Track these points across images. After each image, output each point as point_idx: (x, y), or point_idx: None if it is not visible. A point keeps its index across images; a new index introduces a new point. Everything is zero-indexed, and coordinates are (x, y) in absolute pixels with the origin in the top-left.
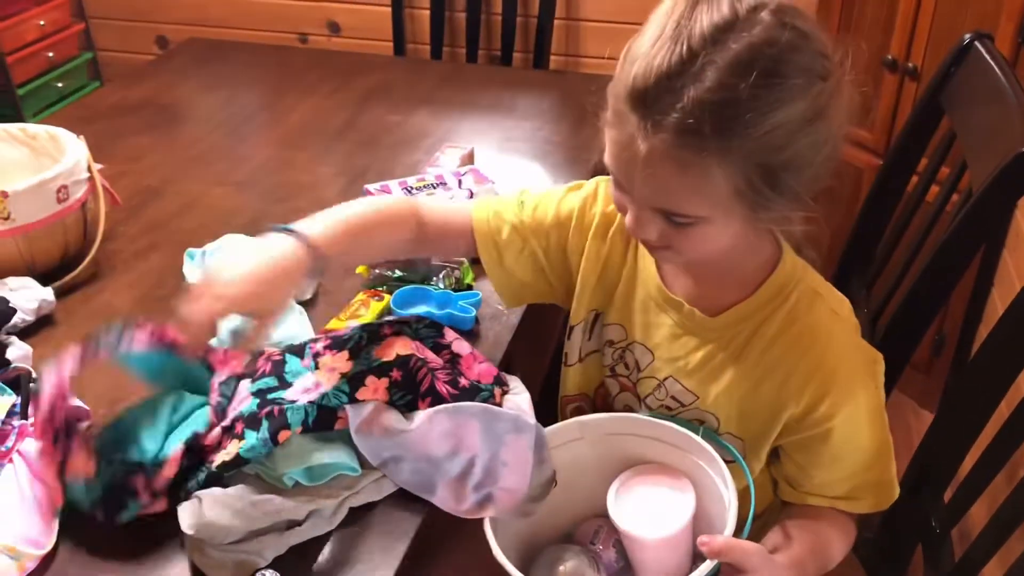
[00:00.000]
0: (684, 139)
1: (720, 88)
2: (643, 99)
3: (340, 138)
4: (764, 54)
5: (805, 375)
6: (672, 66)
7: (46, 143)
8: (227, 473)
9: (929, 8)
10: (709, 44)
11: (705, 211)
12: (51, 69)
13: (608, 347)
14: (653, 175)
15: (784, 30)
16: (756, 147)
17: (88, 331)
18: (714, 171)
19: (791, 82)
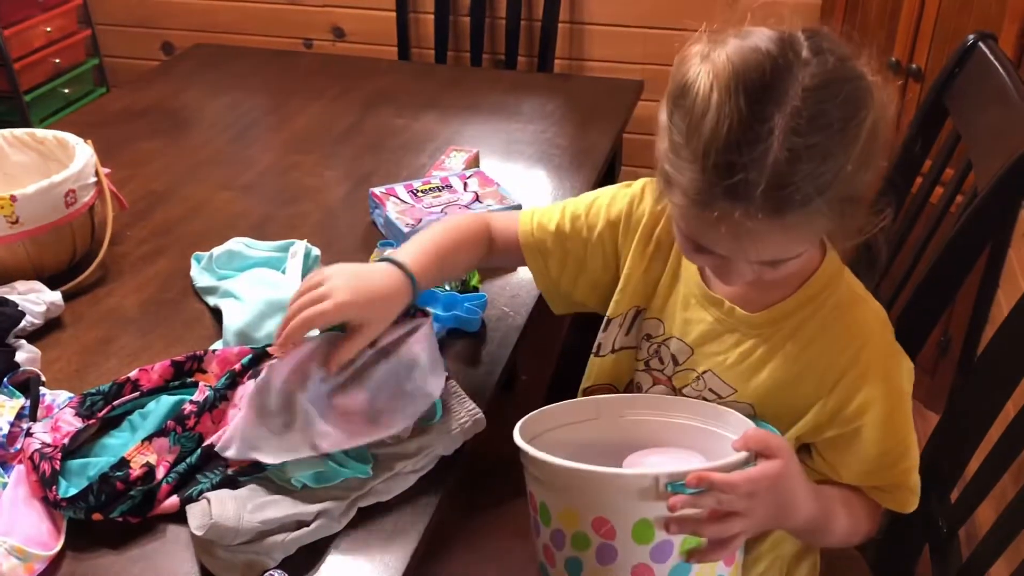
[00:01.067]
0: (777, 213)
1: (797, 154)
2: (723, 181)
3: (345, 142)
4: (823, 101)
5: (841, 370)
6: (739, 139)
7: (54, 148)
8: (242, 479)
9: (932, 9)
10: (765, 102)
11: (807, 248)
12: (58, 75)
13: (645, 341)
14: (748, 244)
15: (827, 63)
16: (846, 182)
17: (96, 334)
18: (817, 218)
19: (855, 118)
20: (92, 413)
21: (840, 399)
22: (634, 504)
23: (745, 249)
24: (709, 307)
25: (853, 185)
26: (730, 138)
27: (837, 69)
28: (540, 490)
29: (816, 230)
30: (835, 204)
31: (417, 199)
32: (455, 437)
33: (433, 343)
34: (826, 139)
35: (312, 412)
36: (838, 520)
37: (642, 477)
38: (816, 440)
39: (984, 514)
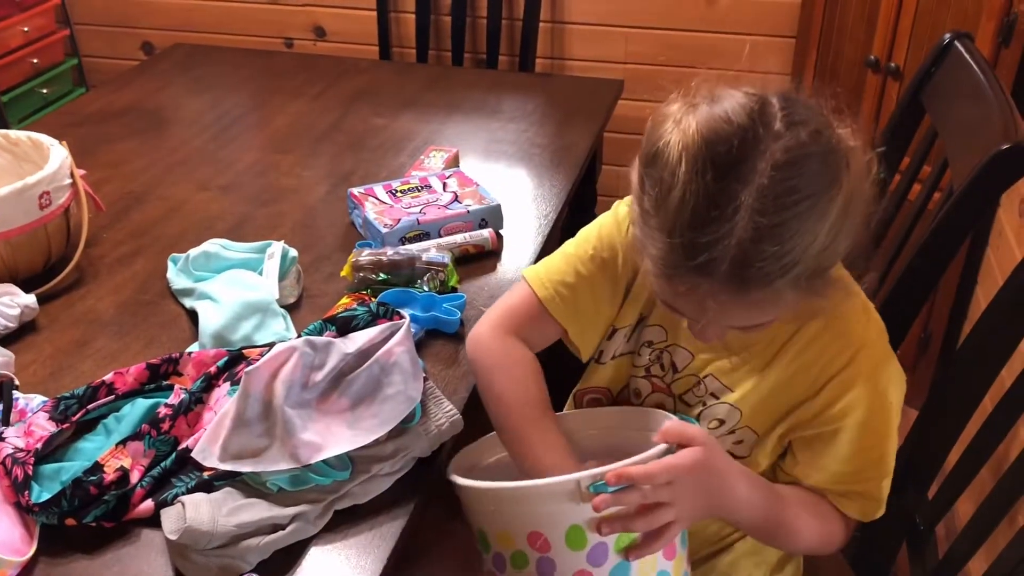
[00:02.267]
0: (748, 285)
1: (762, 235)
2: (689, 256)
3: (325, 141)
4: (792, 180)
5: (832, 372)
6: (705, 216)
7: (28, 149)
8: (218, 482)
9: (910, 8)
10: (732, 179)
11: (776, 316)
12: (36, 75)
13: (646, 347)
14: (716, 314)
15: (798, 137)
16: (816, 257)
17: (72, 337)
18: (779, 297)
19: (825, 196)
20: (66, 417)
21: (827, 399)
22: (562, 511)
23: (712, 318)
24: None
25: (822, 260)
26: (696, 216)
27: (809, 143)
28: (475, 518)
29: (785, 303)
30: (803, 280)
31: (396, 199)
32: (432, 439)
33: (411, 345)
34: (793, 218)
35: (294, 421)
36: (800, 520)
37: (564, 483)
38: (794, 436)
39: (963, 508)
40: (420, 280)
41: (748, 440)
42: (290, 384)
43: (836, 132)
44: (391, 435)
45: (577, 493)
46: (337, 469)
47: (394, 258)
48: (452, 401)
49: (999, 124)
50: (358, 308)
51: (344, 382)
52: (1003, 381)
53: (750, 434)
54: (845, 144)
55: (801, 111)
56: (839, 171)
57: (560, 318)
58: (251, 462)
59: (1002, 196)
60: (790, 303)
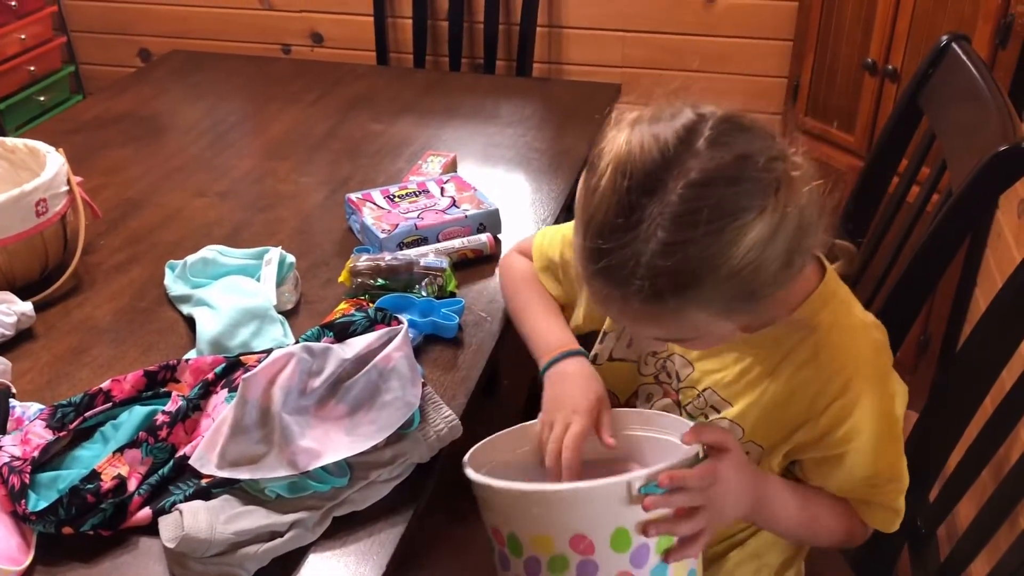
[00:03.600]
0: (648, 303)
1: (669, 250)
2: (599, 264)
3: (322, 147)
4: (703, 199)
5: (830, 397)
6: (619, 229)
7: (25, 156)
8: (215, 490)
9: (907, 11)
10: (648, 195)
11: (694, 335)
12: (33, 83)
13: (651, 357)
14: (631, 323)
15: (720, 158)
16: (723, 286)
17: (69, 344)
18: (688, 313)
19: (740, 218)
20: (63, 425)
21: (828, 424)
22: (611, 513)
23: (636, 327)
24: None
25: (738, 286)
26: (604, 223)
27: (729, 166)
28: (506, 522)
29: (697, 322)
30: (712, 299)
31: (393, 204)
32: (431, 444)
33: (410, 350)
34: (699, 238)
35: (292, 428)
36: (823, 518)
37: (617, 485)
38: (801, 457)
39: (964, 511)
40: (418, 285)
41: (755, 454)
42: (288, 390)
43: (777, 160)
44: (389, 441)
45: (628, 495)
46: (335, 476)
47: (392, 263)
48: (451, 407)
49: (997, 125)
50: (356, 314)
51: (342, 388)
52: (1003, 383)
53: (755, 448)
54: (782, 173)
55: (735, 135)
56: (762, 197)
57: (548, 287)
58: (249, 469)
59: (1000, 197)
60: (704, 324)
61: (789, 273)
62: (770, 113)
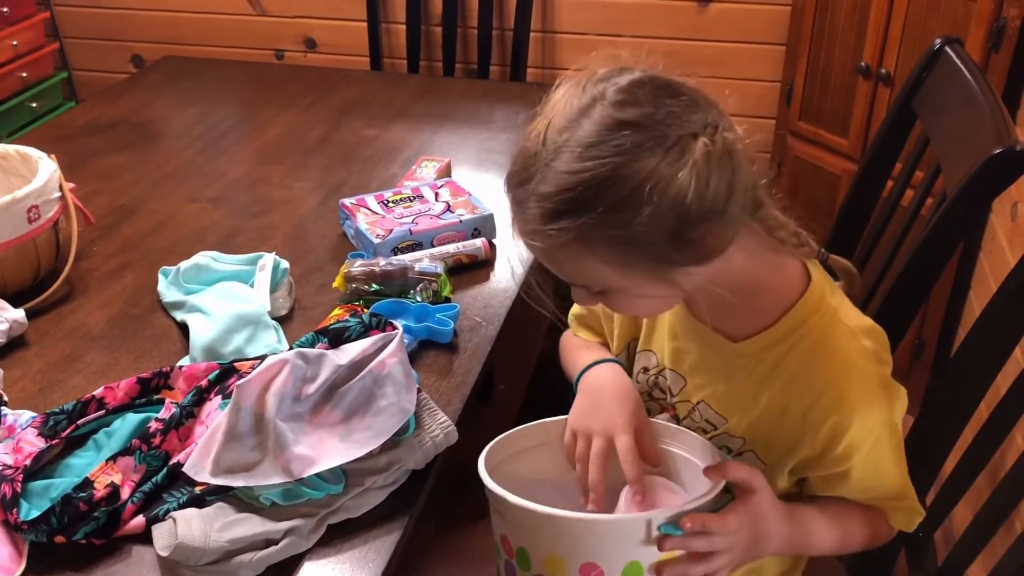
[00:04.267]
0: (544, 225)
1: (559, 177)
2: (510, 187)
3: (316, 152)
4: (594, 138)
5: (824, 411)
6: (528, 158)
7: (16, 163)
8: (210, 497)
9: (900, 14)
10: (558, 134)
11: (599, 284)
12: (25, 89)
13: (643, 373)
14: (539, 255)
15: (619, 109)
16: (600, 223)
17: (61, 351)
18: (575, 249)
19: (622, 158)
20: (56, 433)
21: (826, 441)
22: (625, 548)
23: (544, 261)
24: (695, 337)
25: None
26: (525, 153)
27: (627, 117)
28: (519, 535)
29: (592, 267)
30: (601, 242)
31: (388, 210)
32: (426, 451)
33: (404, 356)
34: (582, 171)
35: (286, 435)
36: (854, 529)
37: (636, 521)
38: (808, 475)
39: (960, 516)
40: (413, 290)
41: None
42: (282, 397)
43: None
44: (384, 447)
45: (646, 532)
46: (330, 483)
47: (386, 269)
48: (446, 412)
49: (991, 129)
50: (350, 319)
51: (336, 394)
52: (998, 388)
53: (758, 463)
54: (688, 131)
55: (644, 93)
56: (649, 148)
57: (585, 337)
58: (243, 476)
59: (994, 201)
60: (602, 270)
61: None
62: (764, 117)
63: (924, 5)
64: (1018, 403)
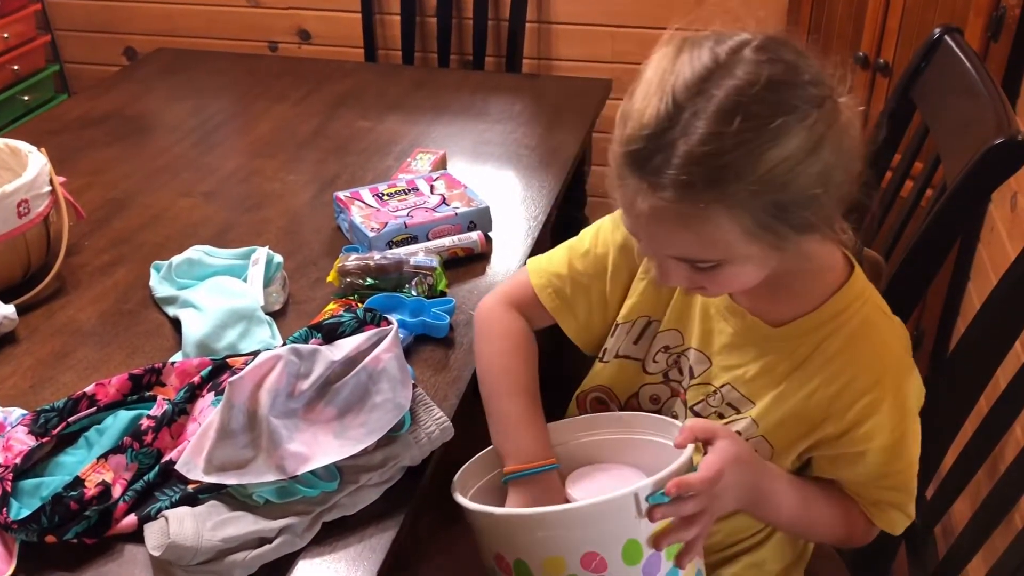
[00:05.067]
0: (681, 194)
1: (707, 139)
2: (637, 160)
3: (310, 145)
4: (747, 96)
5: (858, 392)
6: (660, 123)
7: (6, 157)
8: (202, 495)
9: (899, 4)
10: (693, 95)
11: (720, 256)
12: (17, 82)
13: (662, 352)
14: (659, 231)
15: (766, 66)
16: (756, 190)
17: (52, 347)
18: (719, 219)
19: (780, 120)
20: (46, 430)
21: (854, 419)
22: (618, 527)
23: (654, 237)
24: (730, 318)
25: (770, 194)
26: (645, 123)
27: (775, 75)
28: (512, 548)
29: (725, 235)
30: (744, 208)
31: (383, 203)
32: (422, 447)
33: (399, 351)
34: (738, 135)
35: (280, 432)
36: (823, 519)
37: (624, 498)
38: (816, 454)
39: (960, 510)
40: (408, 284)
41: (762, 451)
42: (275, 393)
43: (822, 83)
44: (380, 444)
45: (635, 507)
46: (325, 480)
47: (381, 262)
48: (442, 408)
49: (991, 119)
50: (345, 314)
51: (331, 391)
52: (998, 381)
53: (765, 445)
54: (828, 92)
55: (783, 49)
56: (806, 108)
57: (551, 309)
58: (236, 474)
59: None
60: (730, 240)
61: (824, 208)
62: None
63: None
64: (1018, 397)
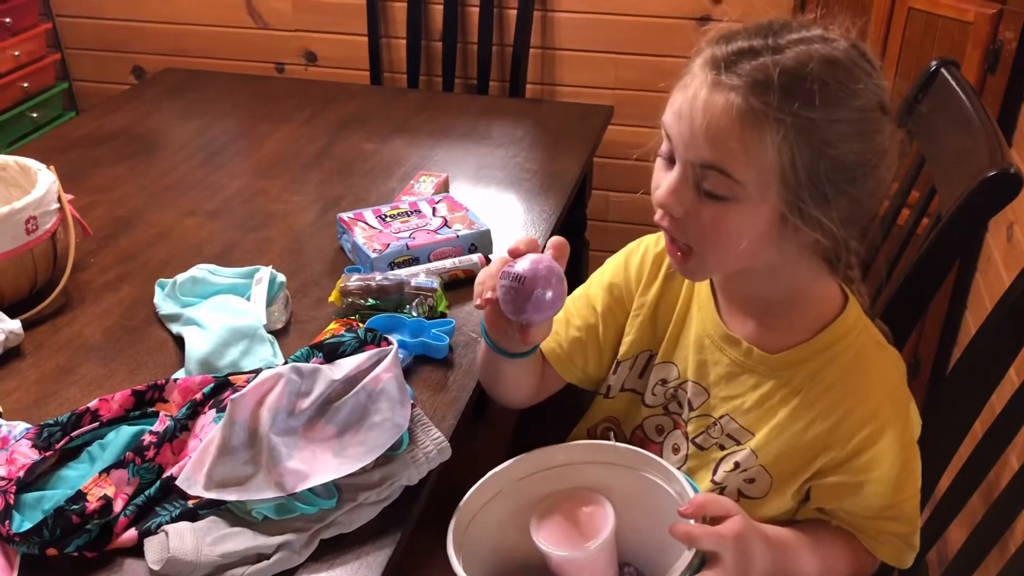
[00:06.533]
0: (750, 92)
1: (796, 64)
2: (721, 60)
3: (314, 166)
4: (840, 62)
5: (857, 423)
6: (755, 41)
7: (15, 174)
8: (202, 511)
9: (897, 35)
10: (794, 40)
11: (746, 176)
12: (26, 99)
13: (660, 386)
14: (706, 125)
15: (862, 60)
16: (813, 128)
17: (57, 363)
18: (768, 135)
19: (857, 92)
20: (50, 444)
21: (854, 449)
22: None
23: (697, 137)
24: (726, 348)
25: (820, 142)
26: (748, 40)
27: (866, 68)
28: None
29: (763, 156)
30: (792, 139)
31: (385, 224)
32: (420, 466)
33: (399, 371)
34: (824, 76)
35: (280, 449)
36: (803, 561)
37: None
38: (816, 484)
39: (954, 535)
40: (409, 305)
41: (762, 481)
42: (276, 411)
43: (886, 98)
44: (378, 463)
45: None
46: (323, 497)
47: (383, 283)
48: (441, 428)
49: (986, 150)
50: (346, 334)
51: (331, 409)
52: (993, 407)
53: (764, 474)
54: (888, 108)
55: (871, 59)
56: (875, 104)
57: (558, 369)
58: (236, 490)
59: (990, 221)
60: (766, 164)
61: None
62: None
63: (920, 27)
64: (1013, 423)
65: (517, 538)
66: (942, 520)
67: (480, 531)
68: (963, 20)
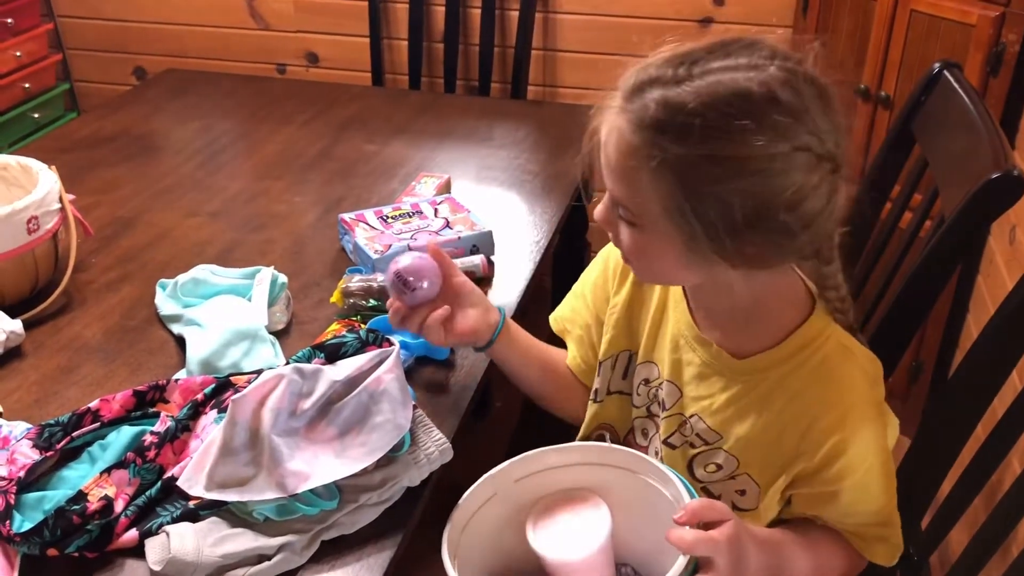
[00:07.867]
0: (635, 127)
1: (683, 98)
2: (628, 89)
3: (316, 167)
4: (750, 95)
5: (824, 432)
6: (664, 71)
7: (17, 174)
8: (203, 512)
9: (900, 38)
10: (714, 68)
11: (638, 209)
12: (27, 100)
13: (644, 386)
14: (608, 155)
15: (780, 88)
16: (688, 166)
17: (58, 363)
18: (644, 172)
19: (762, 128)
20: (50, 445)
21: (824, 459)
22: None
23: (607, 155)
24: (697, 348)
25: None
26: (657, 69)
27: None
28: None
29: (644, 192)
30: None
31: (387, 225)
32: (421, 468)
33: (401, 372)
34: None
35: (281, 450)
36: (796, 561)
37: None
38: (794, 493)
39: (956, 539)
40: None
41: (751, 492)
42: (277, 412)
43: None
44: (379, 464)
45: None
46: (324, 498)
47: (384, 284)
48: (442, 429)
49: (988, 153)
50: (347, 335)
51: (332, 410)
52: (995, 410)
53: (751, 484)
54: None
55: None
56: (781, 141)
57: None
58: (237, 491)
59: (993, 224)
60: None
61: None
62: None
63: (923, 29)
64: (1015, 426)
65: (514, 540)
66: (944, 524)
67: (476, 533)
68: (966, 22)
